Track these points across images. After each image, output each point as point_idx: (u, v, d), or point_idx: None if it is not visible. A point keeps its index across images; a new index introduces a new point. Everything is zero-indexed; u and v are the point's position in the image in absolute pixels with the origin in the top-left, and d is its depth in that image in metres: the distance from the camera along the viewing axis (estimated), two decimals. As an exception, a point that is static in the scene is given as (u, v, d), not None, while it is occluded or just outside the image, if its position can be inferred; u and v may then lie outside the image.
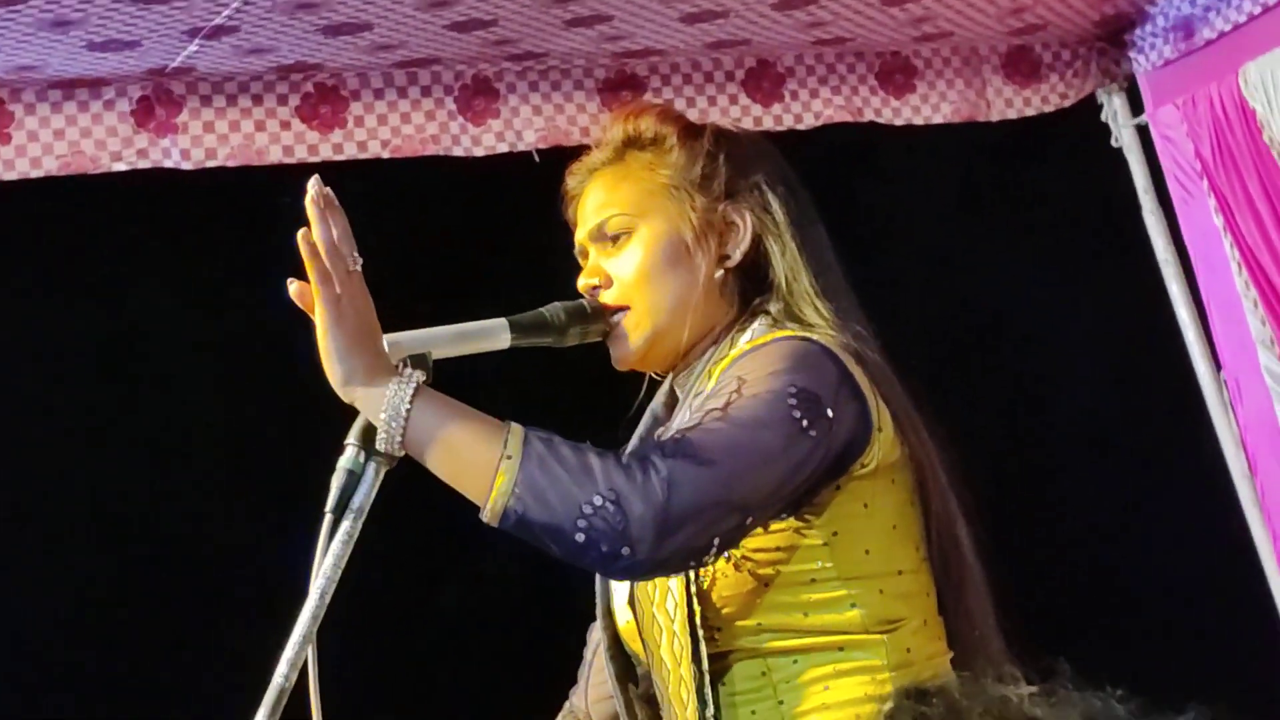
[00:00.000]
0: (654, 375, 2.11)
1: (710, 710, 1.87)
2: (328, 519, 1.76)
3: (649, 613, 1.92)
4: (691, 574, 1.86)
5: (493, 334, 1.97)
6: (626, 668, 2.06)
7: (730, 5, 3.39)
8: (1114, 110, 4.16)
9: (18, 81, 3.15)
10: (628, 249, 2.00)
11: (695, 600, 1.86)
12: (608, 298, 2.00)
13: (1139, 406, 4.33)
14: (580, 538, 1.69)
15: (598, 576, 2.06)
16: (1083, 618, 4.12)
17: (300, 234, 1.78)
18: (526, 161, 3.53)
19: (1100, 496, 4.31)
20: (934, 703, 1.24)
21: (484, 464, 1.73)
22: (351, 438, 1.80)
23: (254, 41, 3.11)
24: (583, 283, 2.03)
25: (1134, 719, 1.22)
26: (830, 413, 1.82)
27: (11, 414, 3.53)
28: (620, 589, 2.02)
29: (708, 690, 1.87)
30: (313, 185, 1.78)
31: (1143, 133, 4.14)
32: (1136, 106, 4.13)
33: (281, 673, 1.70)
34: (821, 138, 3.74)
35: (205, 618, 3.55)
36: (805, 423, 1.79)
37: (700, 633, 1.87)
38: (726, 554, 1.84)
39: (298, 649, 1.71)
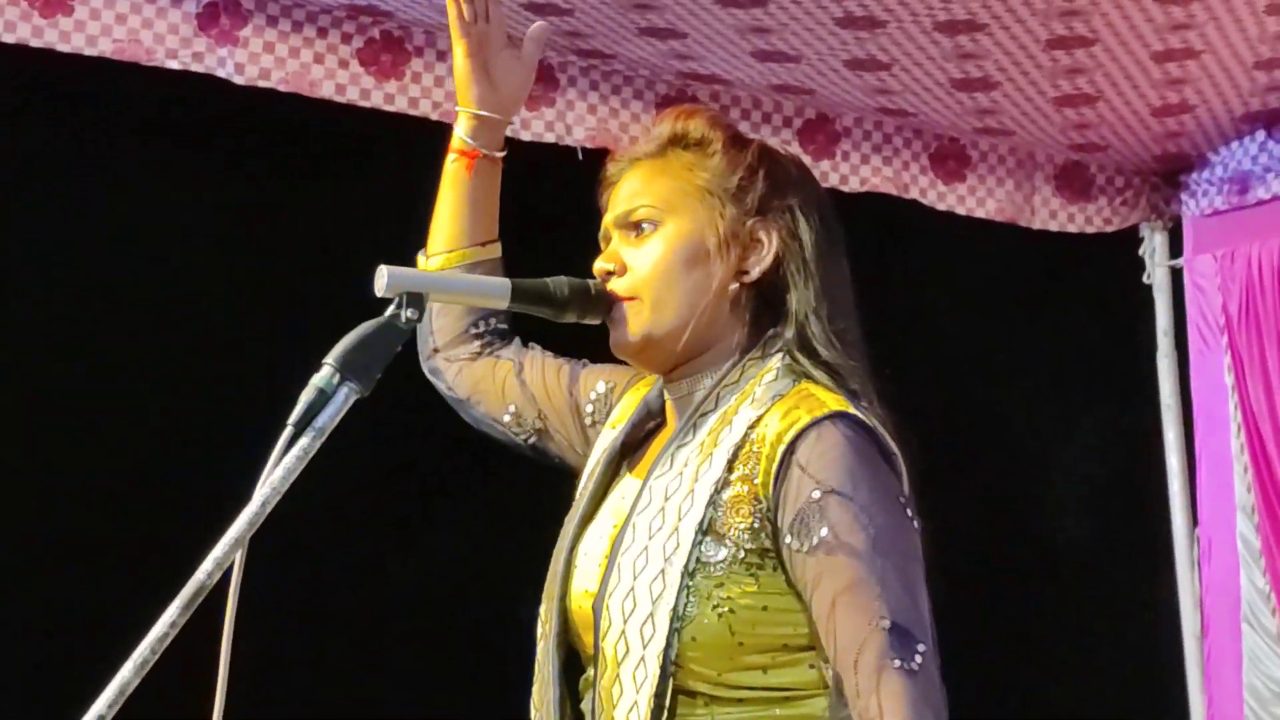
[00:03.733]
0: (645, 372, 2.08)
1: None
2: (288, 430, 1.74)
3: (620, 628, 1.86)
4: (676, 611, 1.83)
5: (493, 291, 1.96)
6: (569, 663, 2.00)
7: (804, 52, 3.39)
8: (1153, 247, 4.17)
9: (90, -43, 3.14)
10: (649, 242, 1.98)
11: (676, 636, 1.83)
12: (618, 286, 1.98)
13: (1110, 543, 4.31)
14: None
15: (559, 547, 2.01)
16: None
17: None
18: (569, 154, 3.52)
19: (1057, 625, 4.28)
20: None
21: None
22: (330, 358, 1.77)
23: (332, -28, 3.11)
24: (598, 265, 2.00)
25: None
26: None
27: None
28: (584, 570, 1.96)
29: None
30: None
31: (1175, 275, 4.15)
32: (1176, 248, 4.14)
33: (205, 570, 1.67)
34: (860, 202, 3.73)
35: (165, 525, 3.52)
36: (917, 522, 1.85)
37: (671, 668, 1.83)
38: (717, 604, 1.84)
39: (226, 549, 1.69)
